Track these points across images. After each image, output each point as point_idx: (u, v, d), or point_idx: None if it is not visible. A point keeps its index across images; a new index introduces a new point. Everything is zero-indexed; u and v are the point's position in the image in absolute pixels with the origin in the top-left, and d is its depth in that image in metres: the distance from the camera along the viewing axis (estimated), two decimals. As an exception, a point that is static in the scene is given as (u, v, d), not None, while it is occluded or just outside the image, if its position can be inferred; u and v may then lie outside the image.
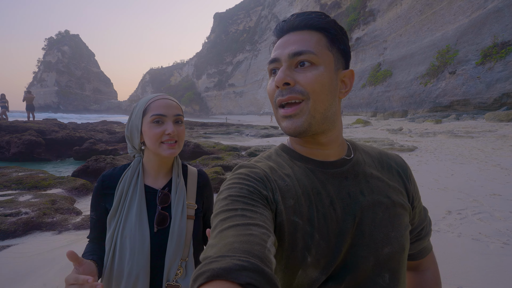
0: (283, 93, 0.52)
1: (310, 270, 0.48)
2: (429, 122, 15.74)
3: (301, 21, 0.54)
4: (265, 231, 0.41)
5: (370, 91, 31.18)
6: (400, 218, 0.56)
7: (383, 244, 0.52)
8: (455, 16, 22.03)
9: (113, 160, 5.50)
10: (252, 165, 0.56)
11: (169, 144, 0.84)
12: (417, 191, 0.65)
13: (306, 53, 0.52)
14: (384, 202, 0.55)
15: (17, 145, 8.15)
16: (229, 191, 0.49)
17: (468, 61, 18.38)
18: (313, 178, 0.55)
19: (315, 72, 0.51)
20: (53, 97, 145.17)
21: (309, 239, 0.49)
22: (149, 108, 0.85)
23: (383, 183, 0.58)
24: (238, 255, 0.34)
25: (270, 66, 0.56)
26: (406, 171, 0.64)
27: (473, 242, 2.51)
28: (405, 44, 28.38)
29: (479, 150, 7.20)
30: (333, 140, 0.58)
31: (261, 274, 0.32)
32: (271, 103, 0.57)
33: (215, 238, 0.40)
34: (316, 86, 0.51)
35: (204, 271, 0.32)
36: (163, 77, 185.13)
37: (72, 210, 3.46)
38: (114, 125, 18.51)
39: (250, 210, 0.44)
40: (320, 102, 0.52)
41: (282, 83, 0.51)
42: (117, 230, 0.82)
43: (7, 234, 2.78)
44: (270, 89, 0.56)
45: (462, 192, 3.95)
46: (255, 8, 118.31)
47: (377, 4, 34.05)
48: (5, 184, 4.37)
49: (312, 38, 0.53)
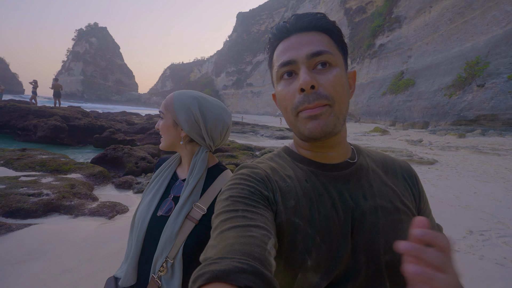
0: (310, 99, 0.48)
1: (310, 275, 0.46)
2: (451, 136, 15.03)
3: (309, 22, 0.52)
4: (266, 232, 0.41)
5: (391, 100, 30.30)
6: (404, 225, 0.53)
7: (385, 251, 0.49)
8: (488, 26, 20.99)
9: (131, 151, 5.65)
10: (254, 166, 0.56)
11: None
12: (425, 200, 0.62)
13: (325, 54, 0.50)
14: (387, 208, 0.53)
15: (43, 129, 8.57)
16: (230, 191, 0.48)
17: (500, 75, 17.46)
18: (315, 180, 0.54)
19: (335, 73, 0.50)
20: (78, 86, 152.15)
21: (310, 241, 0.47)
22: None
23: (386, 188, 0.56)
24: (237, 257, 0.34)
25: (283, 69, 0.52)
26: (412, 176, 0.62)
27: (497, 267, 2.36)
28: (431, 53, 27.37)
29: (507, 169, 6.79)
30: (340, 142, 0.57)
31: (260, 277, 0.32)
32: (285, 110, 0.54)
33: (216, 239, 0.40)
34: (338, 88, 0.50)
35: (203, 273, 0.32)
36: (183, 73, 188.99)
37: (89, 195, 3.58)
38: (133, 116, 19.09)
39: (251, 211, 0.44)
40: (342, 104, 0.51)
41: (309, 85, 0.48)
42: (142, 199, 0.92)
43: (29, 213, 2.91)
44: (287, 94, 0.52)
45: (486, 212, 3.73)
46: (278, 9, 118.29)
47: (404, 11, 33.06)
48: (30, 165, 4.60)
49: (323, 39, 0.52)
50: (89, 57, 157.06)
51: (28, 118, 9.50)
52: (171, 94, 0.94)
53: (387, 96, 31.54)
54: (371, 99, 34.71)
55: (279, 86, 0.54)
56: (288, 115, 0.53)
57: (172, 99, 0.92)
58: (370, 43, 39.26)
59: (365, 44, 40.67)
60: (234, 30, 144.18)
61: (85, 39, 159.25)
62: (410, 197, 0.58)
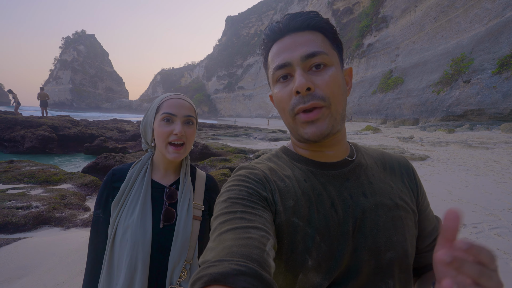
0: (305, 100, 0.49)
1: (312, 275, 0.46)
2: (441, 131, 15.35)
3: (302, 21, 0.51)
4: (264, 233, 0.40)
5: (381, 98, 30.78)
6: (404, 221, 0.53)
7: (386, 248, 0.49)
8: (471, 24, 21.61)
9: (123, 158, 5.56)
10: (252, 167, 0.55)
11: (174, 148, 0.84)
12: (423, 193, 0.62)
13: (320, 54, 0.50)
14: (387, 204, 0.53)
15: (31, 139, 8.36)
16: (228, 193, 0.48)
17: (484, 70, 17.95)
18: (313, 180, 0.53)
19: (330, 74, 0.50)
20: (67, 95, 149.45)
21: (310, 241, 0.47)
22: (162, 106, 0.85)
23: (386, 185, 0.56)
24: (236, 259, 0.34)
25: (279, 72, 0.52)
26: (410, 171, 0.62)
27: (491, 258, 2.40)
28: (418, 52, 27.98)
29: (495, 161, 6.96)
30: (339, 140, 0.56)
31: (259, 279, 0.32)
32: (282, 111, 0.54)
33: (214, 241, 0.40)
34: (334, 89, 0.50)
35: (202, 276, 0.32)
36: (173, 78, 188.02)
37: (80, 206, 3.49)
38: (124, 123, 18.84)
39: (250, 213, 0.44)
40: (339, 103, 0.51)
41: (304, 88, 0.48)
42: (119, 217, 0.80)
43: (18, 227, 2.82)
44: (283, 96, 0.52)
45: (478, 205, 3.80)
46: (267, 12, 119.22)
47: (391, 11, 33.77)
48: (18, 177, 4.46)
49: (318, 38, 0.51)
50: (77, 65, 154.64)
51: (15, 129, 9.25)
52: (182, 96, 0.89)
53: (377, 94, 32.04)
54: (362, 98, 35.20)
55: (275, 88, 0.54)
56: (286, 116, 0.53)
57: (190, 100, 0.91)
58: (359, 43, 39.91)
59: (353, 44, 41.32)
60: (224, 34, 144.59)
61: (72, 47, 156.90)
62: (409, 193, 0.58)
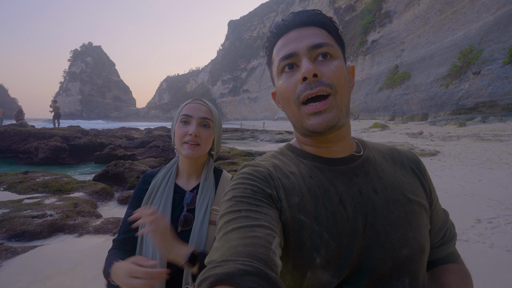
0: (311, 86, 0.49)
1: (320, 272, 0.45)
2: (452, 125, 14.98)
3: (307, 17, 0.53)
4: (270, 231, 0.40)
5: (387, 94, 30.32)
6: (418, 216, 0.51)
7: (401, 245, 0.47)
8: (478, 14, 21.10)
9: (132, 165, 5.65)
10: (256, 164, 0.55)
11: (189, 145, 0.87)
12: (433, 188, 0.61)
13: (326, 45, 0.51)
14: (400, 200, 0.51)
15: (44, 150, 8.61)
16: (233, 192, 0.48)
17: (494, 61, 17.46)
18: (319, 176, 0.52)
19: (337, 64, 0.51)
20: (77, 105, 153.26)
21: (318, 238, 0.46)
22: (182, 110, 0.91)
23: (397, 180, 0.55)
24: (241, 259, 0.33)
25: (285, 62, 0.52)
26: (419, 166, 0.61)
27: (509, 254, 2.32)
28: (423, 45, 27.47)
29: (510, 154, 6.75)
30: (344, 136, 0.56)
31: (265, 278, 0.32)
32: (287, 102, 0.53)
33: (220, 241, 0.40)
34: (341, 79, 0.50)
35: (207, 276, 0.32)
36: (179, 84, 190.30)
37: (93, 213, 3.57)
38: (132, 131, 19.17)
39: (255, 211, 0.43)
40: (344, 95, 0.51)
41: (311, 74, 0.48)
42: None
43: (34, 235, 2.90)
44: (288, 85, 0.52)
45: (493, 200, 3.69)
46: (268, 15, 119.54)
47: (393, 6, 33.33)
48: (33, 187, 4.60)
49: (322, 33, 0.53)
50: (85, 76, 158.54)
51: (29, 141, 9.55)
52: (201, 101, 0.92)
53: (383, 91, 31.57)
54: (368, 96, 34.75)
55: (280, 80, 0.54)
56: (291, 107, 0.53)
57: (209, 105, 0.93)
58: (362, 40, 39.49)
59: (357, 41, 40.91)
60: (227, 38, 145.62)
61: (80, 59, 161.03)
62: (420, 188, 0.57)
